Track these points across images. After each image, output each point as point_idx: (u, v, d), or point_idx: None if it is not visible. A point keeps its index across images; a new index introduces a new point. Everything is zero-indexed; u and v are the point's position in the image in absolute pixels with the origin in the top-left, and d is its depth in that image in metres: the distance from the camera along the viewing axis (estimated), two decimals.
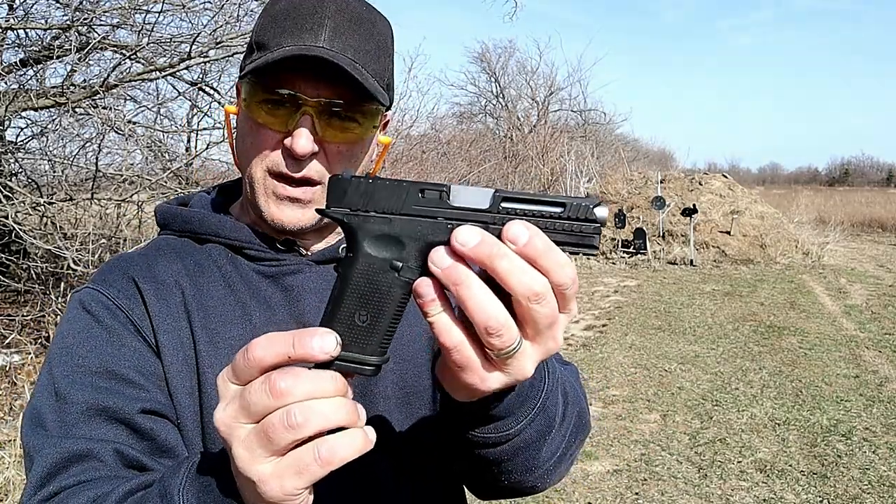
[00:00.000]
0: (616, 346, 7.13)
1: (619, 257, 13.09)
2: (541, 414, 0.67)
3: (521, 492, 0.76)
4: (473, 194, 0.52)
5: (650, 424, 4.94)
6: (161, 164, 6.56)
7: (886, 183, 64.06)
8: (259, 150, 0.84)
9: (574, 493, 3.89)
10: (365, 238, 0.53)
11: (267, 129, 0.83)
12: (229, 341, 0.84)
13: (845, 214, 22.54)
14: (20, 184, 6.02)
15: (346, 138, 0.84)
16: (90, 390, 0.76)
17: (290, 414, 0.48)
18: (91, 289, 0.86)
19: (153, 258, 0.89)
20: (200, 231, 0.91)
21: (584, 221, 0.52)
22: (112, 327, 0.82)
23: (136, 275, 0.86)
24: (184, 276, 0.87)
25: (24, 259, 6.21)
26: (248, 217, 0.93)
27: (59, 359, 0.80)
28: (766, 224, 14.11)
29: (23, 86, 5.61)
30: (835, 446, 4.53)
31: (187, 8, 5.46)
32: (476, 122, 25.63)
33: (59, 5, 5.40)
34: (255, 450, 0.50)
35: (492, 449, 0.66)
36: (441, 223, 0.52)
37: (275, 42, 0.81)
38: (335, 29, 0.81)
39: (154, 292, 0.85)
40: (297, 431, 0.49)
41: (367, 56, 0.83)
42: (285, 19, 0.82)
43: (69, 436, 0.73)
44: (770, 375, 6.07)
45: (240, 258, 0.89)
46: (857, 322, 8.19)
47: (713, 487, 3.96)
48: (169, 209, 0.95)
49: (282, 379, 0.49)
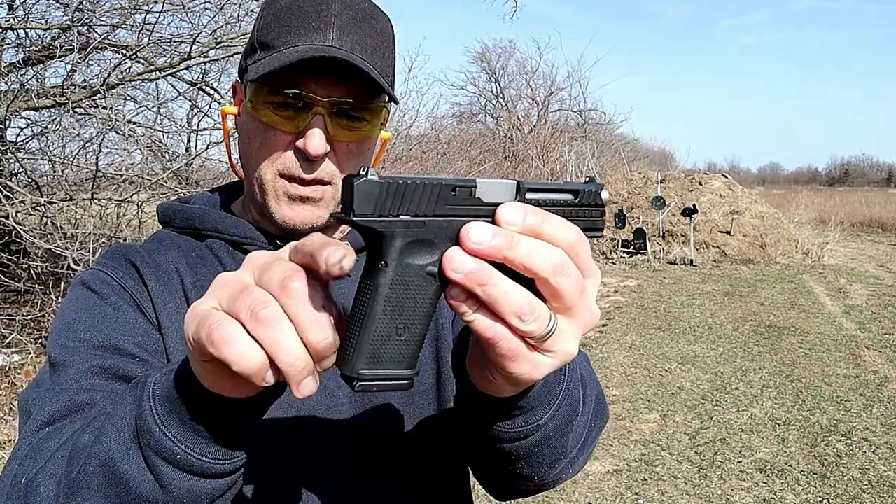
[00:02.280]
0: (616, 346, 7.13)
1: (619, 257, 13.09)
2: (567, 399, 0.65)
3: (541, 486, 0.74)
4: (498, 188, 0.51)
5: (650, 424, 4.94)
6: (161, 164, 6.56)
7: (886, 183, 64.08)
8: (268, 151, 0.83)
9: (574, 493, 3.89)
10: (399, 245, 0.48)
11: (276, 130, 0.82)
12: None
13: (845, 214, 22.53)
14: (20, 184, 6.02)
15: (355, 136, 0.84)
16: (92, 359, 0.75)
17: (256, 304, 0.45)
18: (94, 269, 0.86)
19: (154, 249, 0.89)
20: (201, 227, 0.91)
21: (593, 206, 0.54)
22: (116, 303, 0.82)
23: (137, 261, 0.86)
24: (184, 266, 0.87)
25: (24, 259, 6.21)
26: (250, 215, 0.93)
27: (59, 335, 0.79)
28: (766, 224, 14.11)
29: (23, 86, 5.61)
30: (835, 446, 4.53)
31: (187, 8, 5.46)
32: (476, 122, 25.66)
33: (59, 5, 5.40)
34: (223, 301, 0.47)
35: (521, 442, 0.64)
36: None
37: (281, 42, 0.80)
38: (342, 27, 0.81)
39: (155, 278, 0.85)
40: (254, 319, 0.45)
41: (374, 54, 0.83)
42: (290, 17, 0.81)
43: (71, 389, 0.72)
44: (770, 375, 6.07)
45: (240, 254, 0.89)
46: (857, 322, 8.20)
47: (713, 487, 3.96)
48: (171, 206, 0.95)
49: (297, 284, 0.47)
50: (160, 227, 0.97)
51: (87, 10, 5.10)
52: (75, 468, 0.58)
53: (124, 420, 0.57)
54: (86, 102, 5.38)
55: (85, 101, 5.35)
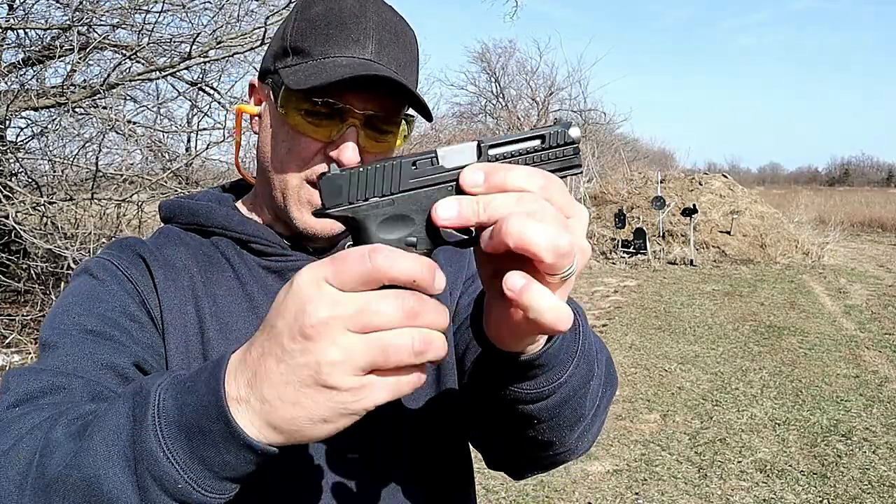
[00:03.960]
0: (616, 346, 7.13)
1: (619, 257, 13.09)
2: (583, 359, 0.65)
3: (560, 455, 0.74)
4: (460, 152, 0.53)
5: (650, 424, 4.94)
6: (161, 164, 6.56)
7: (886, 183, 64.08)
8: (297, 157, 0.83)
9: (574, 493, 3.89)
10: (373, 225, 0.53)
11: (307, 137, 0.82)
12: (237, 333, 0.83)
13: (845, 214, 22.53)
14: (20, 184, 6.02)
15: (382, 148, 0.84)
16: (82, 343, 0.74)
17: (418, 339, 0.48)
18: (99, 257, 0.85)
19: (162, 244, 0.88)
20: (207, 224, 0.90)
21: (563, 146, 0.55)
22: (117, 293, 0.80)
23: (145, 254, 0.85)
24: (193, 264, 0.87)
25: (24, 259, 6.21)
26: (261, 216, 0.92)
27: (55, 318, 0.77)
28: (766, 224, 14.11)
29: (23, 86, 5.61)
30: (835, 446, 4.53)
31: (187, 8, 5.46)
32: (476, 122, 25.65)
33: (59, 5, 5.40)
34: (355, 360, 0.47)
35: (543, 403, 0.64)
36: (442, 189, 0.53)
37: (318, 51, 0.81)
38: (380, 41, 0.82)
39: (163, 273, 0.84)
40: (419, 357, 0.48)
41: (406, 68, 0.84)
42: (327, 26, 0.81)
43: (53, 370, 0.70)
44: (770, 375, 6.07)
45: (246, 252, 0.89)
46: (857, 322, 8.19)
47: (713, 487, 3.96)
48: (174, 202, 0.94)
49: (416, 301, 0.48)
50: (162, 225, 0.95)
51: (87, 10, 5.10)
52: (50, 469, 0.56)
53: (115, 435, 0.54)
54: (86, 102, 5.38)
55: (85, 101, 5.36)
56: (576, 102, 25.75)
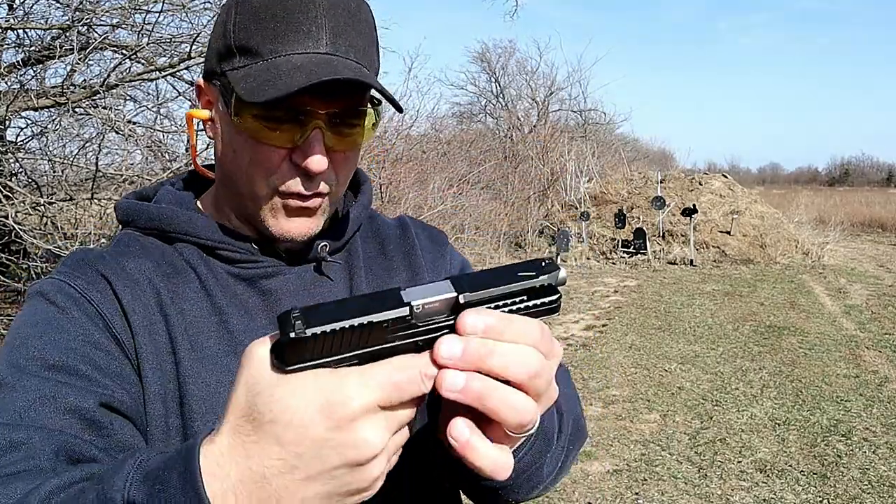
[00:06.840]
0: (616, 346, 7.13)
1: (619, 257, 13.09)
2: (539, 439, 0.67)
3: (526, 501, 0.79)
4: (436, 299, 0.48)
5: (650, 424, 4.94)
6: (161, 164, 6.56)
7: (886, 183, 64.03)
8: (262, 168, 0.77)
9: (574, 493, 3.89)
10: None
11: (268, 145, 0.75)
12: (207, 350, 0.77)
13: (845, 214, 22.52)
14: (20, 184, 6.02)
15: (349, 144, 0.79)
16: (42, 384, 0.66)
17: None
18: (55, 279, 0.76)
19: (122, 255, 0.80)
20: (169, 230, 0.82)
21: (549, 295, 0.51)
22: (78, 319, 0.72)
23: (105, 271, 0.77)
24: (157, 277, 0.79)
25: (24, 259, 6.21)
26: (226, 219, 0.86)
27: (11, 351, 0.69)
28: (766, 224, 14.11)
29: (23, 86, 5.62)
30: (835, 446, 4.53)
31: (187, 8, 5.46)
32: (476, 122, 25.63)
33: (59, 5, 5.40)
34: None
35: (495, 480, 0.66)
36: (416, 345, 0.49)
37: (268, 49, 0.73)
38: (334, 30, 0.74)
39: (129, 290, 0.76)
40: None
41: (366, 55, 0.78)
42: (273, 19, 0.73)
43: (10, 424, 0.62)
44: (770, 375, 6.07)
45: (212, 259, 0.82)
46: (857, 322, 8.19)
47: (713, 487, 3.96)
48: (131, 205, 0.85)
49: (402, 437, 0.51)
50: (120, 229, 0.88)
51: (87, 10, 5.10)
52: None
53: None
54: (86, 102, 5.38)
55: (85, 101, 5.36)
56: (576, 102, 25.75)
